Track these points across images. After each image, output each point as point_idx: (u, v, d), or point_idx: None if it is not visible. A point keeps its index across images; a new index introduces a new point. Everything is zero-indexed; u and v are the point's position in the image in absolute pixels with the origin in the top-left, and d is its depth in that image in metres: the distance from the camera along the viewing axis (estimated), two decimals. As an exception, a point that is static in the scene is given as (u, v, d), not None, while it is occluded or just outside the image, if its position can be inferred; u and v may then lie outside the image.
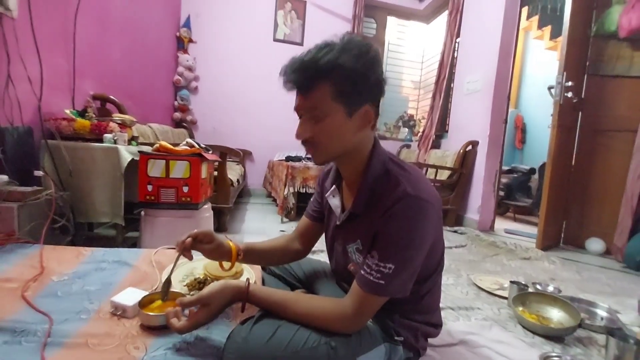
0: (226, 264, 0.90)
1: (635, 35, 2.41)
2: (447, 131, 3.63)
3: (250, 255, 0.90)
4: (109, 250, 1.13)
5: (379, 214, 0.68)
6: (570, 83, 2.39)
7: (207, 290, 0.68)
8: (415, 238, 0.67)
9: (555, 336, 1.16)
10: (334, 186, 0.85)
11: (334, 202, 0.84)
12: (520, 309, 1.28)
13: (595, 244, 2.47)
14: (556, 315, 1.27)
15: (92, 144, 1.55)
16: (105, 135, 1.58)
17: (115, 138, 1.59)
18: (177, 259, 0.76)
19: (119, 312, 0.77)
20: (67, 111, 1.64)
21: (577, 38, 2.47)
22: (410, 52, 4.39)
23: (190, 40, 3.62)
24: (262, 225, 2.58)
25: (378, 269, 0.67)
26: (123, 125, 1.72)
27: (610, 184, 2.49)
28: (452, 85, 3.58)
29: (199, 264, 1.04)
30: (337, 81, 0.65)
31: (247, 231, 2.37)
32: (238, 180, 2.79)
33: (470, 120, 3.17)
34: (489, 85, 2.94)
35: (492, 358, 0.99)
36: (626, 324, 1.23)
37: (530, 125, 4.85)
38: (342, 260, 0.85)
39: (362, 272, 0.69)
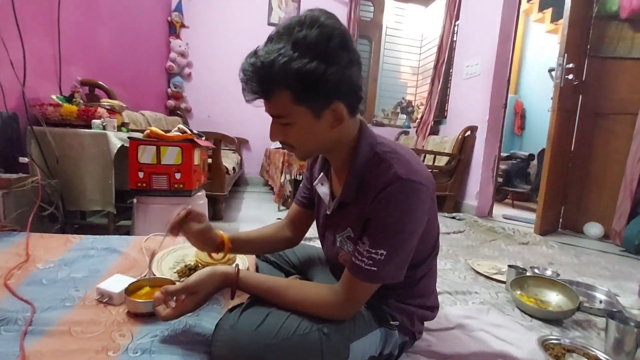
0: (217, 255, 0.88)
1: (637, 16, 2.35)
2: (445, 117, 3.59)
3: (238, 244, 0.87)
4: (98, 238, 1.11)
5: (369, 199, 0.65)
6: (571, 65, 2.34)
7: (194, 277, 0.65)
8: (407, 223, 0.64)
9: (553, 319, 1.14)
10: (322, 174, 0.81)
11: (323, 190, 0.80)
12: (518, 292, 1.27)
13: (594, 229, 2.46)
14: (554, 299, 1.25)
15: (80, 130, 1.50)
16: (94, 121, 1.53)
17: (104, 124, 1.54)
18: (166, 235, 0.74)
19: (105, 299, 0.74)
20: (54, 97, 1.59)
21: (578, 19, 2.41)
22: (408, 37, 4.29)
23: (182, 25, 3.52)
24: (258, 214, 2.55)
25: (369, 255, 0.64)
26: (112, 111, 1.67)
27: (609, 168, 2.47)
28: (451, 70, 3.51)
29: (190, 251, 1.02)
30: (295, 86, 0.58)
31: (243, 219, 2.35)
32: (234, 169, 2.75)
33: (469, 106, 3.11)
34: (489, 69, 2.88)
35: (489, 341, 0.97)
36: (626, 306, 1.22)
37: (530, 111, 4.80)
38: (333, 249, 0.81)
39: (354, 258, 0.66)
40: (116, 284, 0.76)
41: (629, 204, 2.21)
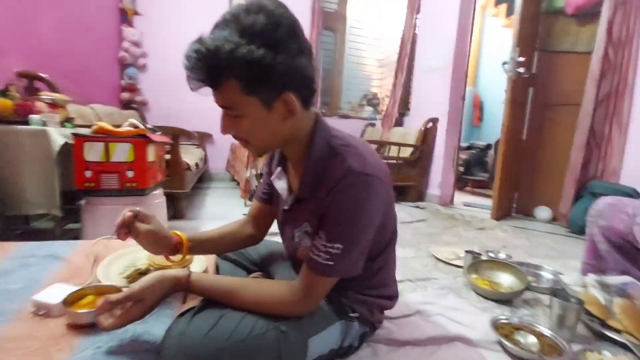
0: (174, 257, 0.83)
1: (581, 12, 2.51)
2: (409, 109, 3.67)
3: (198, 244, 0.83)
4: (40, 244, 1.02)
5: (324, 193, 0.64)
6: (522, 59, 2.47)
7: (139, 284, 0.61)
8: (362, 216, 0.64)
9: (505, 300, 1.22)
10: (279, 168, 0.80)
11: (280, 185, 0.79)
12: (474, 276, 1.34)
13: (543, 212, 2.65)
14: (506, 280, 1.34)
15: (17, 126, 1.36)
16: (31, 116, 1.39)
17: (43, 119, 1.41)
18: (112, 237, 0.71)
19: (42, 311, 0.68)
20: (-17, 90, 1.42)
21: (528, 15, 2.54)
22: (373, 29, 4.32)
23: (135, 13, 3.29)
24: (223, 210, 2.48)
25: (326, 249, 0.63)
26: (54, 105, 1.54)
27: (556, 156, 2.65)
28: (413, 62, 3.59)
29: (143, 254, 0.96)
30: (243, 75, 0.56)
31: (207, 217, 2.27)
32: (197, 164, 2.65)
33: (431, 98, 3.21)
34: (448, 63, 2.98)
35: (446, 325, 1.01)
36: (569, 284, 1.32)
37: (487, 103, 5.04)
38: (292, 244, 0.81)
39: (311, 253, 0.66)
40: (55, 294, 0.70)
41: (573, 189, 2.39)
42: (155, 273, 0.64)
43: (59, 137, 1.37)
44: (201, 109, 3.59)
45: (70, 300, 0.67)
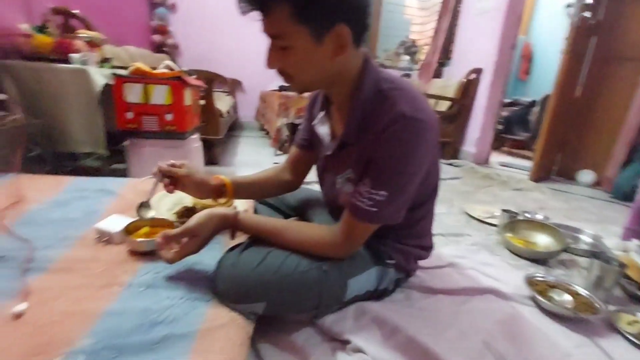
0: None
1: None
2: (450, 58, 3.39)
3: (239, 188, 0.85)
4: (92, 179, 1.08)
5: (371, 138, 0.62)
6: (590, 0, 2.15)
7: (193, 220, 0.64)
8: (410, 163, 0.61)
9: (540, 259, 1.20)
10: (322, 113, 0.77)
11: (323, 130, 0.77)
12: (509, 234, 1.31)
13: (586, 176, 2.49)
14: (543, 241, 1.30)
15: (58, 65, 1.38)
16: (72, 55, 1.40)
17: (83, 58, 1.42)
18: (155, 184, 0.74)
19: (104, 238, 0.74)
20: (24, 26, 1.43)
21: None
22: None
23: (162, -55, 3.10)
24: (255, 158, 2.52)
25: (370, 196, 0.62)
26: (92, 44, 1.53)
27: (611, 116, 2.42)
28: (460, 5, 3.23)
29: (188, 193, 1.00)
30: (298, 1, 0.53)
31: (240, 164, 2.32)
32: (228, 112, 2.65)
33: (477, 45, 2.92)
34: (502, 4, 2.65)
35: (478, 278, 1.02)
36: (609, 248, 1.27)
37: (538, 55, 4.55)
38: (332, 191, 0.80)
39: (354, 199, 0.65)
40: (114, 223, 0.75)
41: (624, 152, 2.21)
42: (206, 211, 0.67)
43: (99, 77, 1.38)
44: (232, 55, 3.52)
45: (130, 230, 0.72)
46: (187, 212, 0.89)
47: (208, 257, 0.72)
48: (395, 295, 0.89)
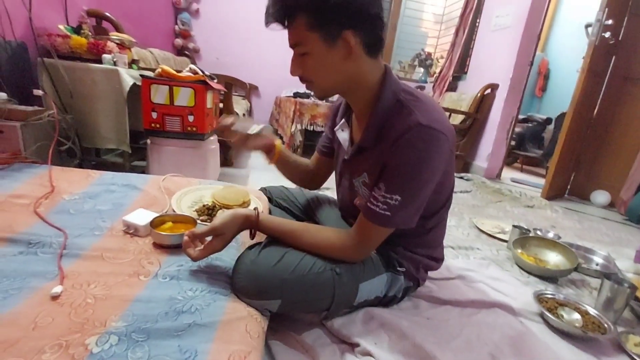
0: (235, 198, 0.95)
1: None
2: (466, 72, 3.41)
3: (283, 157, 0.95)
4: (118, 174, 1.13)
5: (388, 144, 0.65)
6: (610, 22, 2.16)
7: (219, 220, 0.68)
8: (424, 170, 0.64)
9: (550, 277, 1.20)
10: (343, 120, 0.82)
11: (343, 135, 0.81)
12: (519, 251, 1.32)
13: (600, 196, 2.47)
14: (553, 259, 1.30)
15: (91, 64, 1.46)
16: (105, 55, 1.48)
17: (114, 59, 1.50)
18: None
19: (131, 230, 0.78)
20: (61, 27, 1.52)
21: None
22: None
23: (190, -47, 3.23)
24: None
25: (384, 200, 0.65)
26: (122, 45, 1.61)
27: (629, 136, 2.40)
28: (478, 20, 3.26)
29: (207, 192, 1.05)
30: (310, 9, 0.60)
31: (253, 166, 2.37)
32: (244, 115, 2.71)
33: (493, 61, 2.94)
34: (520, 20, 2.67)
35: (487, 292, 1.03)
36: (621, 269, 1.27)
37: (555, 72, 4.53)
38: (349, 195, 0.84)
39: (369, 203, 0.68)
40: (141, 217, 0.80)
41: (642, 174, 2.18)
42: (230, 211, 0.71)
43: (128, 77, 1.45)
44: (250, 61, 3.62)
45: (155, 224, 0.76)
46: (206, 210, 0.93)
47: (226, 255, 0.75)
48: (404, 303, 0.91)
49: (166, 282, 0.63)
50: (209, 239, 0.69)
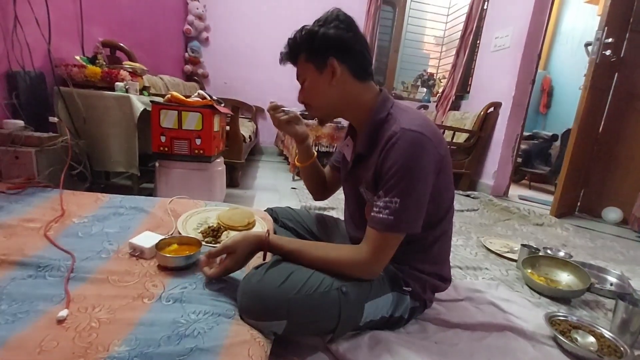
0: (240, 220, 1.00)
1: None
2: (468, 92, 3.46)
3: (316, 164, 1.04)
4: (126, 197, 1.16)
5: (378, 151, 0.72)
6: (610, 40, 2.19)
7: (231, 239, 0.73)
8: (414, 168, 0.68)
9: (562, 298, 1.17)
10: (347, 137, 0.92)
11: (347, 151, 0.91)
12: (529, 270, 1.29)
13: (612, 213, 2.42)
14: (565, 279, 1.27)
15: (104, 92, 1.52)
16: (117, 83, 1.54)
17: (126, 87, 1.56)
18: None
19: (136, 253, 0.80)
20: (78, 57, 1.60)
21: (624, -12, 2.22)
22: (435, 3, 4.05)
23: (200, -14, 3.41)
24: (273, 182, 2.59)
25: (385, 204, 0.69)
26: (134, 74, 1.68)
27: (637, 152, 2.37)
28: (478, 41, 3.34)
29: (212, 214, 1.06)
30: (306, 46, 0.77)
31: (259, 187, 2.40)
32: (250, 137, 2.77)
33: (495, 81, 2.99)
34: (519, 41, 2.73)
35: (496, 314, 1.00)
36: (636, 289, 1.22)
37: (558, 89, 4.56)
38: (355, 204, 0.89)
39: (373, 213, 0.71)
40: (146, 239, 0.81)
41: (654, 190, 2.14)
42: (240, 233, 0.76)
43: (139, 103, 1.51)
44: (256, 84, 3.73)
45: (160, 246, 0.77)
46: (211, 232, 0.94)
47: (230, 276, 0.76)
48: (410, 326, 0.89)
49: (170, 305, 0.64)
50: (224, 257, 0.73)
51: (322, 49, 0.75)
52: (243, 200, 2.02)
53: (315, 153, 1.04)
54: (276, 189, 2.39)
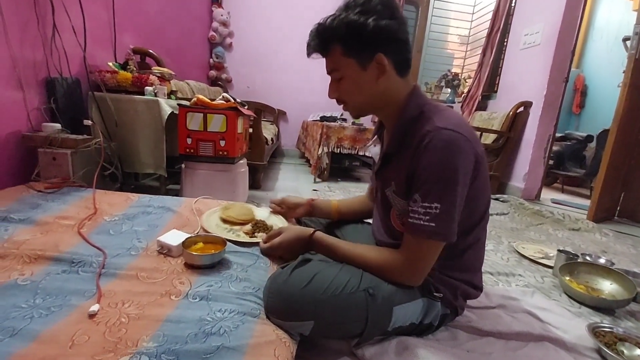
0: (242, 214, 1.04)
1: None
2: (495, 91, 3.34)
3: (342, 210, 1.04)
4: (154, 197, 1.19)
5: (411, 151, 0.67)
6: (652, 33, 2.04)
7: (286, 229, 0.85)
8: (450, 169, 0.64)
9: (605, 308, 1.08)
10: (375, 136, 0.87)
11: (375, 150, 0.87)
12: (567, 278, 1.21)
13: (658, 219, 2.24)
14: (608, 288, 1.18)
15: (135, 96, 1.58)
16: (147, 88, 1.60)
17: (155, 91, 1.61)
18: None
19: (164, 250, 0.81)
20: (110, 64, 1.67)
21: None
22: (460, 2, 3.95)
23: (224, -7, 3.50)
24: (295, 185, 2.60)
25: (425, 211, 0.65)
26: (162, 78, 1.74)
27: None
28: (505, 39, 3.22)
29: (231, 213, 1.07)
30: (344, 38, 0.67)
31: (280, 189, 2.41)
32: (272, 139, 2.79)
33: (524, 79, 2.86)
34: (551, 38, 2.60)
35: (533, 323, 0.94)
36: (691, 301, 1.12)
37: (593, 88, 4.32)
38: (382, 209, 0.84)
39: (410, 219, 0.67)
40: (174, 237, 0.82)
41: None
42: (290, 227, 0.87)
43: (167, 107, 1.56)
44: (278, 88, 3.77)
45: (186, 244, 0.78)
46: (263, 226, 1.01)
47: (255, 276, 0.76)
48: (440, 333, 0.85)
49: (196, 303, 0.64)
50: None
51: (370, 44, 0.66)
52: (265, 202, 2.03)
53: (337, 203, 1.03)
54: (297, 191, 2.39)
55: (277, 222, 1.05)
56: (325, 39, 0.69)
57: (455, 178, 0.64)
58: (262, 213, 1.09)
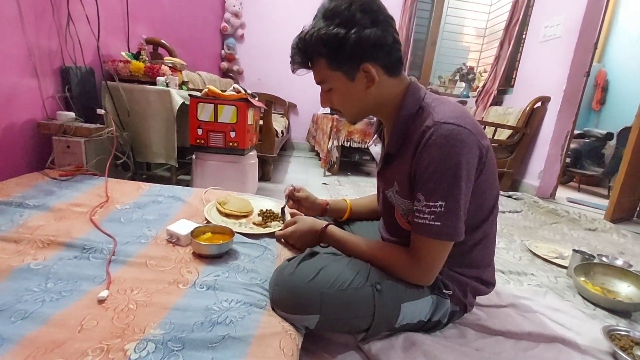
0: (244, 206, 1.03)
1: None
2: (512, 86, 3.24)
3: (355, 211, 1.01)
4: (165, 187, 1.19)
5: (412, 148, 0.65)
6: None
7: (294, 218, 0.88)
8: (454, 165, 0.61)
9: (621, 310, 1.05)
10: (375, 135, 0.85)
11: (376, 150, 0.84)
12: (583, 279, 1.17)
13: (680, 221, 2.15)
14: (625, 290, 1.14)
15: (147, 86, 1.59)
16: (159, 78, 1.60)
17: (167, 81, 1.62)
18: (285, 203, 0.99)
19: (173, 239, 0.81)
20: (123, 53, 1.68)
21: None
22: (478, -7, 3.84)
23: (237, -17, 3.48)
24: (304, 177, 2.59)
25: (430, 210, 0.63)
26: (174, 69, 1.74)
27: None
28: (524, 32, 3.11)
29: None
30: (326, 52, 0.65)
31: (290, 181, 2.40)
32: (282, 132, 2.78)
33: (543, 73, 2.77)
34: (573, 30, 2.50)
35: (545, 324, 0.92)
36: None
37: (614, 84, 4.15)
38: (385, 208, 0.82)
39: (416, 219, 0.65)
40: (183, 227, 0.82)
41: None
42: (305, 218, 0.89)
43: (178, 97, 1.56)
44: (289, 80, 3.72)
45: (195, 234, 0.78)
46: (273, 215, 1.02)
47: (262, 267, 0.75)
48: (448, 330, 0.83)
49: (203, 292, 0.64)
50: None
51: (354, 57, 0.64)
52: (274, 194, 2.03)
53: (349, 203, 1.00)
54: (307, 184, 2.39)
55: (273, 206, 1.08)
56: (307, 55, 0.68)
57: (458, 174, 0.61)
58: (263, 203, 1.10)
